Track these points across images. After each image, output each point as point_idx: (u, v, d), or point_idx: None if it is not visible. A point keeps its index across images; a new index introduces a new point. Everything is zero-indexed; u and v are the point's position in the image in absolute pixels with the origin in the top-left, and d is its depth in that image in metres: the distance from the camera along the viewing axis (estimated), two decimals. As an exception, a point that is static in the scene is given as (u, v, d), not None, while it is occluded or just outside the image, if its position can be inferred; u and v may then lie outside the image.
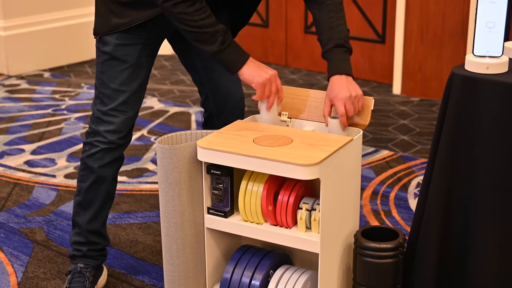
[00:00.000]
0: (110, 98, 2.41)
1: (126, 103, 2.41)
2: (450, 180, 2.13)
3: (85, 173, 2.49)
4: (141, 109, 4.60)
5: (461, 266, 2.16)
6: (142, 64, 2.41)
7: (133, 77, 2.40)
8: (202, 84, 2.59)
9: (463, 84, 2.06)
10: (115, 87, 2.40)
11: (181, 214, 2.24)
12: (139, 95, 2.45)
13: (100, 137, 2.43)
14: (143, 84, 2.45)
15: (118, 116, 2.41)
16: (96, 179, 2.47)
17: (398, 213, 3.19)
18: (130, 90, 2.41)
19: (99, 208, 2.52)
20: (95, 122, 2.44)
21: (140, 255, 2.88)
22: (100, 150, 2.44)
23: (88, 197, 2.50)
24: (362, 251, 2.19)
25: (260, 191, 2.18)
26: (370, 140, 4.07)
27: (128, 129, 2.45)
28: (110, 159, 2.45)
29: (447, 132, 2.10)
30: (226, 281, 2.27)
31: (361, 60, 5.24)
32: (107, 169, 2.46)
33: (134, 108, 2.44)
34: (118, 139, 2.43)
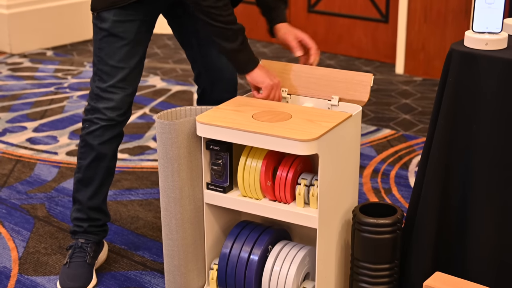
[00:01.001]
0: (109, 75, 2.41)
1: (125, 79, 2.42)
2: (448, 156, 2.14)
3: (84, 150, 2.50)
4: (143, 87, 4.63)
5: (458, 241, 2.18)
6: (140, 40, 2.41)
7: (132, 54, 2.41)
8: (195, 61, 2.60)
9: (462, 60, 2.06)
10: (113, 64, 2.40)
11: (180, 189, 2.25)
12: (138, 72, 2.46)
13: (100, 114, 2.44)
14: (141, 61, 2.45)
15: (117, 93, 2.42)
16: (96, 156, 2.48)
17: (399, 191, 3.20)
18: (129, 67, 2.41)
19: (99, 184, 2.53)
20: (94, 99, 2.45)
21: (141, 231, 2.90)
22: (99, 127, 2.45)
23: (88, 174, 2.52)
24: (360, 226, 2.20)
25: (259, 166, 2.19)
26: (372, 119, 4.07)
27: (128, 105, 2.46)
28: (109, 136, 2.46)
29: (445, 108, 2.11)
30: (225, 256, 2.29)
31: (364, 40, 5.24)
32: (107, 146, 2.48)
33: (133, 85, 2.45)
34: (118, 116, 2.44)
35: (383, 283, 2.23)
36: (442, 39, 4.73)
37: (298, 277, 2.23)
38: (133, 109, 4.23)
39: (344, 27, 5.32)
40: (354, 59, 5.28)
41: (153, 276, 2.59)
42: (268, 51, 5.55)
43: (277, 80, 2.35)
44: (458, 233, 2.18)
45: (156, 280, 2.57)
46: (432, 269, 2.22)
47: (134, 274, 2.61)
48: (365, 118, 4.09)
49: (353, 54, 5.34)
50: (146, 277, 2.59)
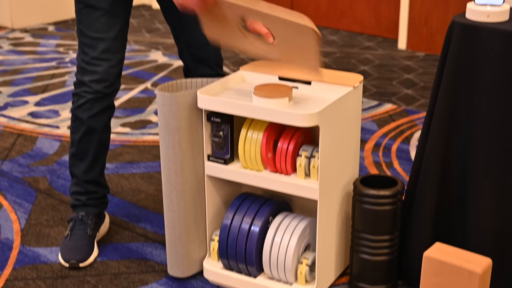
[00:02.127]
0: (90, 47, 2.40)
1: (108, 50, 2.40)
2: (449, 128, 2.15)
3: (75, 125, 2.50)
4: (145, 62, 4.63)
5: (458, 212, 2.19)
6: (117, 9, 2.37)
7: (111, 24, 2.38)
8: (177, 37, 2.58)
9: (463, 32, 2.06)
10: (93, 35, 2.38)
11: (181, 161, 2.26)
12: (120, 42, 2.43)
13: (86, 87, 2.43)
14: (122, 31, 2.42)
15: (100, 64, 2.40)
16: (86, 130, 2.48)
17: (400, 164, 3.21)
18: (109, 37, 2.39)
19: (93, 158, 2.54)
20: (80, 72, 2.44)
21: (142, 204, 2.91)
22: (87, 100, 2.44)
23: (81, 148, 2.52)
24: (360, 198, 2.22)
25: (259, 138, 2.20)
26: (374, 94, 4.08)
27: (114, 77, 2.44)
28: (98, 109, 2.46)
29: (446, 80, 2.11)
30: (226, 227, 2.31)
31: (367, 15, 5.23)
32: (96, 119, 2.47)
33: (116, 56, 2.42)
34: (104, 88, 2.43)
35: (384, 254, 2.25)
36: (445, 14, 4.72)
37: (298, 248, 2.25)
38: (135, 83, 4.24)
39: (346, 2, 5.31)
40: (356, 35, 5.28)
41: (154, 248, 2.61)
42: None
43: None
44: (458, 204, 2.19)
45: (157, 251, 2.59)
46: (432, 240, 2.23)
47: (136, 245, 2.63)
48: (367, 92, 4.10)
49: (356, 29, 5.33)
50: (148, 248, 2.61)
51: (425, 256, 2.02)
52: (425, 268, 2.03)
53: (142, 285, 2.41)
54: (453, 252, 2.03)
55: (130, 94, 4.08)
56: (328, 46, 5.00)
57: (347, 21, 5.35)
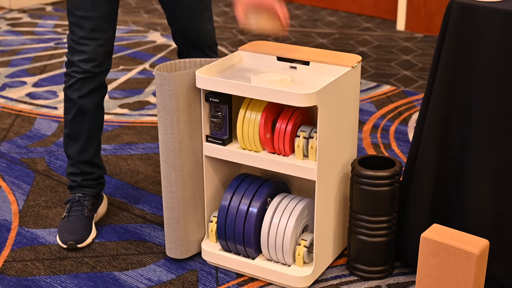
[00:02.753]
0: (78, 26, 2.38)
1: (95, 29, 2.38)
2: (447, 109, 2.15)
3: (68, 105, 2.49)
4: (143, 43, 4.61)
5: (456, 193, 2.19)
6: None
7: (96, 2, 2.36)
8: (170, 20, 2.56)
9: (461, 12, 2.05)
10: (80, 14, 2.37)
11: (180, 142, 2.26)
12: (108, 21, 2.41)
13: (75, 67, 2.42)
14: (110, 9, 2.40)
15: (88, 44, 2.39)
16: (78, 111, 2.47)
17: (398, 146, 3.21)
18: (97, 16, 2.37)
19: (86, 138, 2.53)
20: (70, 52, 2.43)
21: (141, 185, 2.91)
22: (77, 80, 2.43)
23: (74, 128, 2.51)
24: (359, 179, 2.22)
25: (258, 119, 2.19)
26: (372, 75, 4.07)
27: (103, 56, 2.42)
28: (89, 88, 2.44)
29: (444, 60, 2.10)
30: (224, 208, 2.31)
31: (366, -4, 5.21)
32: (87, 99, 2.46)
33: (104, 35, 2.40)
34: (93, 67, 2.42)
35: (381, 235, 2.25)
36: (444, -5, 4.70)
37: (297, 229, 2.25)
38: (133, 64, 4.23)
39: (345, -17, 5.29)
40: (355, 16, 5.26)
41: (152, 229, 2.61)
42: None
43: None
44: (455, 186, 2.19)
45: (155, 232, 2.59)
46: (430, 221, 2.23)
47: (134, 226, 2.63)
48: (366, 74, 4.08)
49: (354, 10, 5.31)
50: (146, 229, 2.61)
51: (423, 237, 2.03)
52: (423, 249, 2.03)
53: (140, 266, 2.41)
54: (450, 233, 2.03)
55: (128, 75, 4.07)
56: (327, 27, 4.98)
57: (346, 2, 5.33)
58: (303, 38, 4.75)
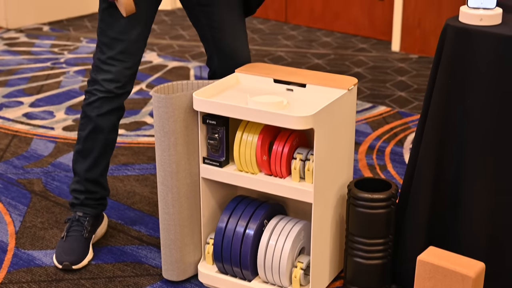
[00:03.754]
0: (108, 47, 2.41)
1: (125, 52, 2.41)
2: (442, 131, 2.15)
3: (84, 122, 2.51)
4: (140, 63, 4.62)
5: (452, 216, 2.19)
6: (141, 13, 2.38)
7: (132, 26, 2.40)
8: (207, 42, 2.55)
9: (457, 35, 2.07)
10: (113, 36, 2.40)
11: (177, 164, 2.26)
12: (139, 45, 2.44)
13: (98, 86, 2.45)
14: (142, 34, 2.44)
15: (115, 65, 2.42)
16: (93, 128, 2.49)
17: (393, 167, 3.21)
18: (129, 39, 2.40)
19: (97, 157, 2.54)
20: (95, 70, 2.46)
21: (137, 206, 2.91)
22: (98, 98, 2.45)
23: (86, 145, 2.53)
24: (355, 201, 2.22)
25: (255, 141, 2.20)
26: (368, 96, 4.08)
27: (127, 79, 2.45)
28: (108, 108, 2.47)
29: (440, 83, 2.12)
30: (221, 230, 2.31)
31: (361, 17, 5.23)
32: (105, 118, 2.48)
33: (132, 58, 2.44)
34: (116, 88, 2.44)
35: (378, 257, 2.25)
36: (438, 16, 4.72)
37: (293, 251, 2.25)
38: (130, 85, 4.23)
39: (341, 4, 5.31)
40: (350, 36, 5.28)
41: (149, 251, 2.61)
42: (264, 27, 5.54)
43: None
44: (451, 208, 2.19)
45: (152, 254, 2.59)
46: (426, 244, 2.23)
47: (131, 248, 2.62)
48: (361, 95, 4.10)
49: (350, 31, 5.33)
50: (143, 251, 2.61)
51: (419, 260, 2.03)
52: (419, 272, 2.03)
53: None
54: (446, 256, 2.03)
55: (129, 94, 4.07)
56: (322, 48, 5.00)
57: (342, 22, 5.36)
58: (299, 58, 4.76)
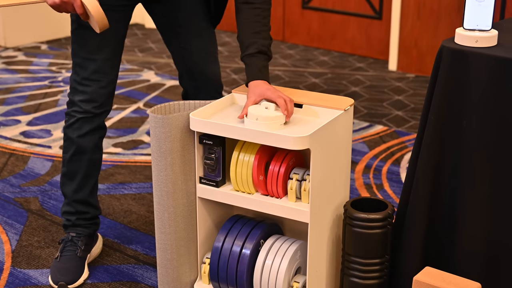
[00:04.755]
0: (81, 68, 2.42)
1: (98, 71, 2.42)
2: (439, 153, 2.16)
3: (66, 144, 2.51)
4: (137, 82, 4.63)
5: (448, 236, 2.19)
6: (110, 30, 2.34)
7: (102, 45, 2.40)
8: (177, 62, 2.59)
9: (452, 57, 2.08)
10: (84, 56, 2.41)
11: (173, 183, 2.27)
12: (112, 63, 2.44)
13: (76, 107, 2.45)
14: (115, 52, 2.44)
15: (90, 85, 2.42)
16: (76, 150, 2.49)
17: (390, 186, 3.22)
18: (100, 58, 2.41)
19: (83, 178, 2.54)
20: (72, 92, 2.47)
21: (134, 225, 2.91)
22: (77, 120, 2.46)
23: (71, 167, 2.53)
24: (351, 221, 2.22)
25: (251, 161, 2.20)
26: (365, 115, 4.09)
27: (104, 98, 2.45)
28: (88, 128, 2.47)
29: (436, 105, 2.12)
30: (217, 249, 2.31)
31: (358, 36, 5.25)
32: (86, 139, 2.48)
33: (106, 77, 2.44)
34: (94, 108, 2.45)
35: (374, 277, 2.25)
36: (435, 36, 4.75)
37: (289, 271, 2.25)
38: (127, 103, 4.24)
39: (338, 23, 5.34)
40: (347, 56, 5.30)
41: (145, 270, 2.61)
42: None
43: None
44: (448, 228, 2.19)
45: (148, 273, 2.59)
46: (422, 264, 2.23)
47: (127, 267, 2.62)
48: (358, 114, 4.11)
49: (347, 50, 5.36)
50: (139, 270, 2.60)
51: (415, 280, 2.03)
52: (415, 292, 2.03)
53: (133, 307, 2.41)
54: (443, 276, 2.03)
55: (122, 114, 4.09)
56: (320, 67, 5.02)
57: (339, 42, 5.38)
58: (296, 77, 4.78)
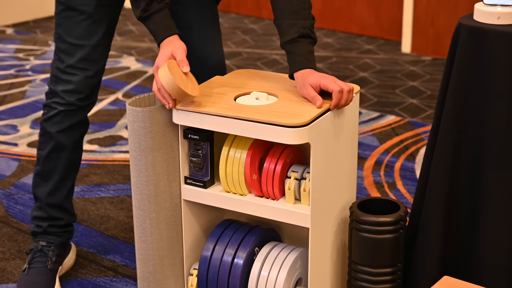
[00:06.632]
0: (67, 54, 2.42)
1: (86, 59, 2.42)
2: (457, 144, 2.16)
3: (43, 139, 2.51)
4: (115, 69, 4.63)
5: (468, 241, 2.19)
6: (103, 14, 2.39)
7: (92, 30, 2.41)
8: None
9: (471, 36, 2.07)
10: (72, 41, 2.41)
11: (155, 185, 2.26)
12: (102, 51, 2.46)
13: (58, 98, 2.45)
14: (105, 38, 2.45)
15: (76, 74, 2.42)
16: (55, 146, 2.49)
17: (404, 185, 3.21)
18: (90, 44, 2.41)
19: (60, 179, 2.54)
20: (54, 81, 2.46)
21: (111, 233, 2.91)
22: (58, 112, 2.46)
23: (47, 166, 2.53)
24: (358, 225, 2.21)
25: (243, 158, 2.19)
26: (375, 104, 4.09)
27: (90, 89, 2.46)
28: (70, 123, 2.47)
29: (453, 91, 2.12)
30: (206, 259, 2.30)
31: (367, 15, 5.25)
32: (67, 134, 2.48)
33: (95, 66, 2.45)
34: (78, 100, 2.44)
35: (385, 289, 2.25)
36: (454, 12, 4.74)
37: (288, 283, 2.25)
38: (104, 94, 4.23)
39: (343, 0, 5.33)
40: (354, 36, 5.30)
41: (125, 284, 2.61)
42: (257, 27, 5.55)
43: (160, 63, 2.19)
44: (468, 233, 2.19)
45: (128, 287, 2.58)
46: (439, 273, 2.23)
47: (104, 281, 2.62)
48: (367, 102, 4.10)
49: (354, 30, 5.35)
50: (117, 284, 2.60)
51: (432, 292, 2.02)
52: (432, 305, 2.02)
53: (111, 326, 2.40)
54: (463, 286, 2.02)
55: (99, 106, 4.08)
56: (323, 50, 5.02)
57: (345, 21, 5.37)
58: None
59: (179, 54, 2.17)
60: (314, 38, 2.24)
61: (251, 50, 5.05)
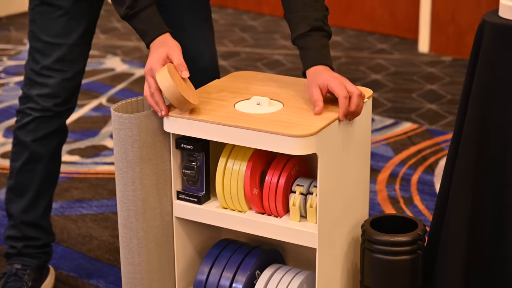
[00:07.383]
0: (42, 54, 2.42)
1: (63, 59, 2.42)
2: (480, 154, 2.16)
3: (17, 150, 2.51)
4: (99, 71, 4.64)
5: (494, 263, 2.19)
6: (82, 10, 2.39)
7: (70, 27, 2.41)
8: None
9: (496, 34, 2.08)
10: (47, 40, 2.41)
11: (143, 201, 2.26)
12: (81, 51, 2.46)
13: (33, 103, 2.45)
14: (85, 36, 2.45)
15: (52, 76, 2.43)
16: (29, 157, 2.49)
17: (422, 200, 3.22)
18: (67, 43, 2.42)
19: (35, 194, 2.54)
20: (28, 84, 2.46)
21: (94, 254, 2.91)
22: (33, 119, 2.46)
23: (20, 180, 2.53)
24: (371, 245, 2.22)
25: (243, 170, 2.20)
26: (389, 110, 4.10)
27: (68, 93, 2.46)
28: (46, 131, 2.47)
29: (476, 95, 2.12)
30: (200, 284, 2.31)
31: (380, 10, 5.26)
32: (43, 144, 2.48)
33: (73, 67, 2.45)
34: (55, 106, 2.45)
35: (401, 317, 2.25)
36: (477, 8, 4.76)
37: (293, 310, 2.25)
38: (86, 98, 4.25)
39: (353, -7, 5.36)
40: (366, 34, 5.31)
41: (110, 311, 2.61)
42: (257, 24, 5.57)
43: (153, 67, 2.16)
44: (494, 254, 2.19)
45: (114, 315, 2.60)
46: (462, 299, 2.24)
47: (86, 308, 2.63)
48: (380, 108, 4.11)
49: (365, 27, 5.37)
50: (102, 312, 2.61)
51: (453, 320, 2.03)
52: (454, 335, 2.03)
53: None
54: (488, 313, 2.03)
55: (80, 112, 4.09)
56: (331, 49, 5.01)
57: (355, 17, 5.39)
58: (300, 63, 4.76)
59: (176, 57, 2.16)
60: (328, 31, 2.26)
61: (251, 49, 5.06)
